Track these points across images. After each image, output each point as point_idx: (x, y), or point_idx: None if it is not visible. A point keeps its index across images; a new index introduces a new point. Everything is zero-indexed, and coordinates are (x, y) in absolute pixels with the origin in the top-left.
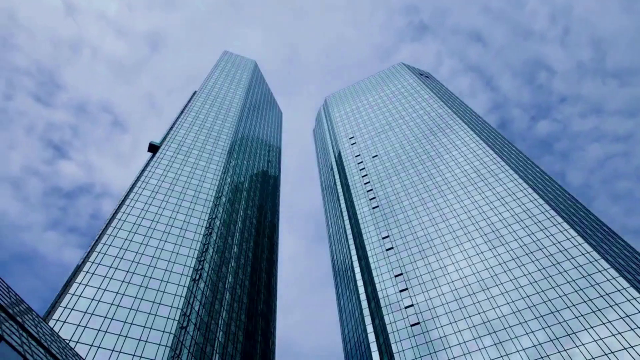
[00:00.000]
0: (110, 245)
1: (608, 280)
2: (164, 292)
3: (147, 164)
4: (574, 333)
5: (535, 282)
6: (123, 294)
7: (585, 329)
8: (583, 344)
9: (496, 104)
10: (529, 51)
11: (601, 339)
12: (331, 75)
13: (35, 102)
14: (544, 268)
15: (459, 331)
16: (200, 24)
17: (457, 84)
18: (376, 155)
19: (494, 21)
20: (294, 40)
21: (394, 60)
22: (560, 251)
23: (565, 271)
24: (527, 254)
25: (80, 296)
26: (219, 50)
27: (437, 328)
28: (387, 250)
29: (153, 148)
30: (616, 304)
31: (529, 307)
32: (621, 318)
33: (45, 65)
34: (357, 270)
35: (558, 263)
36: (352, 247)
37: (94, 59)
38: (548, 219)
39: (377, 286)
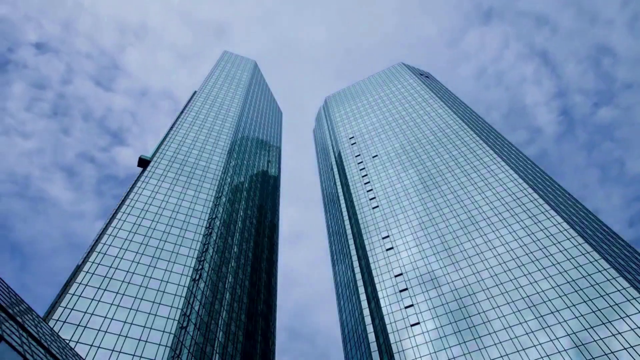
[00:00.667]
0: (110, 245)
1: (608, 280)
2: (164, 292)
3: (147, 165)
4: (574, 333)
5: (536, 282)
6: (123, 294)
7: (585, 329)
8: (583, 344)
9: (560, 91)
10: (595, 37)
11: (601, 338)
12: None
13: (95, 87)
14: (544, 268)
15: (459, 331)
16: (264, 15)
17: (521, 69)
18: (376, 155)
19: (562, 5)
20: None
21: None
22: (560, 251)
23: (565, 271)
24: (527, 254)
25: (80, 296)
26: (277, 42)
27: (437, 328)
28: (387, 250)
29: (143, 163)
30: (616, 304)
31: (529, 307)
32: (621, 318)
33: (108, 50)
34: (357, 270)
35: (558, 263)
36: (352, 247)
37: (158, 45)
38: (548, 219)
39: (377, 286)
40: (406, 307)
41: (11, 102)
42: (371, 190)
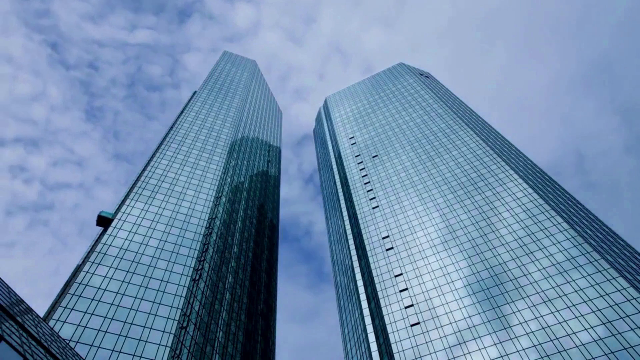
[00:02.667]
0: (110, 245)
1: (608, 280)
2: (164, 292)
3: (147, 164)
4: (574, 333)
5: (536, 282)
6: (123, 294)
7: (585, 329)
8: (583, 344)
9: None
10: None
11: (601, 338)
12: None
13: None
14: (544, 268)
15: (459, 331)
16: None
17: None
18: (376, 155)
19: None
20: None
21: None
22: (560, 251)
23: (565, 271)
24: (526, 254)
25: (80, 296)
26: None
27: (437, 328)
28: (387, 250)
29: (103, 221)
30: (616, 304)
31: (529, 307)
32: (621, 318)
33: None
34: (357, 270)
35: (558, 263)
36: (352, 247)
37: None
38: (548, 219)
39: (377, 286)
40: (406, 307)
41: None
42: (371, 190)
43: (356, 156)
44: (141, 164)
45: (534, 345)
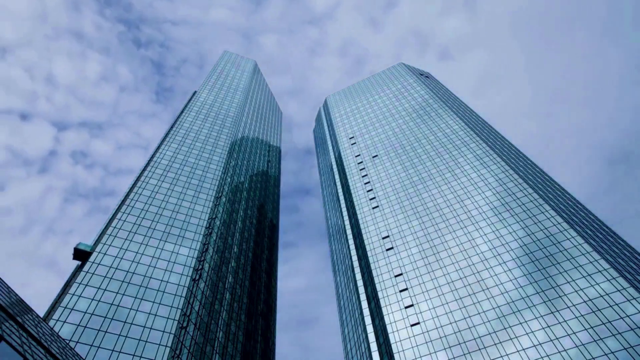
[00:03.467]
0: (110, 245)
1: (608, 280)
2: (164, 292)
3: (147, 164)
4: (574, 333)
5: (535, 282)
6: (123, 294)
7: (585, 329)
8: (583, 344)
9: None
10: None
11: (601, 339)
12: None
13: None
14: (544, 268)
15: (459, 331)
16: None
17: None
18: (376, 155)
19: None
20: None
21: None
22: (560, 251)
23: (565, 271)
24: (526, 254)
25: (80, 296)
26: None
27: (437, 328)
28: (387, 250)
29: (80, 254)
30: (616, 304)
31: (529, 307)
32: (621, 318)
33: None
34: (357, 270)
35: (558, 263)
36: (352, 247)
37: None
38: (548, 219)
39: (377, 286)
40: (406, 307)
41: None
42: (371, 190)
43: (356, 156)
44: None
45: (534, 345)
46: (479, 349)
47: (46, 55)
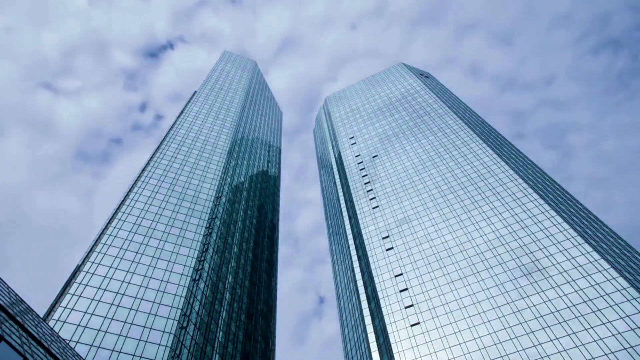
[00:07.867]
0: (110, 245)
1: (608, 280)
2: (164, 292)
3: (147, 164)
4: (574, 333)
5: (536, 282)
6: (123, 294)
7: (585, 329)
8: (583, 344)
9: None
10: None
11: (601, 339)
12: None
13: None
14: (544, 268)
15: (459, 331)
16: None
17: None
18: (376, 155)
19: None
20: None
21: None
22: (560, 251)
23: (565, 271)
24: (526, 254)
25: (80, 296)
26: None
27: (437, 328)
28: (387, 250)
29: None
30: (616, 304)
31: (529, 307)
32: (621, 318)
33: None
34: (357, 270)
35: (558, 263)
36: (352, 247)
37: None
38: (548, 219)
39: (377, 286)
40: (406, 307)
41: None
42: (371, 190)
43: (356, 156)
44: None
45: (534, 345)
46: (479, 349)
47: None
